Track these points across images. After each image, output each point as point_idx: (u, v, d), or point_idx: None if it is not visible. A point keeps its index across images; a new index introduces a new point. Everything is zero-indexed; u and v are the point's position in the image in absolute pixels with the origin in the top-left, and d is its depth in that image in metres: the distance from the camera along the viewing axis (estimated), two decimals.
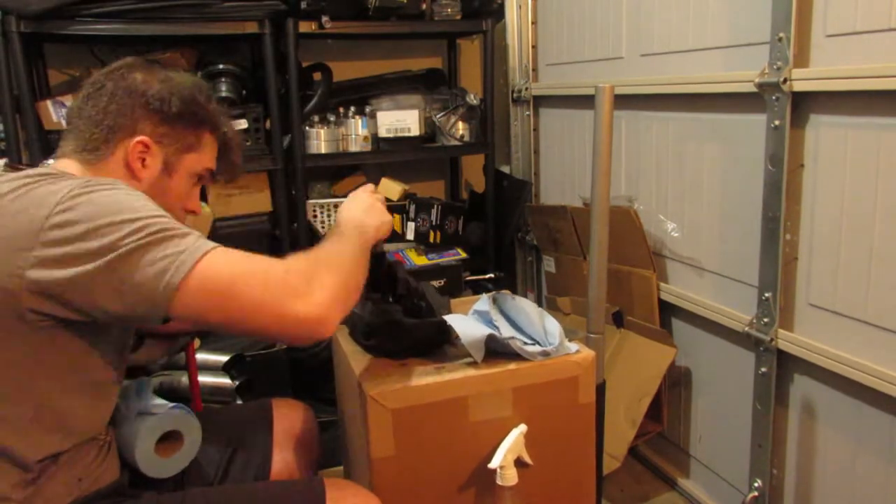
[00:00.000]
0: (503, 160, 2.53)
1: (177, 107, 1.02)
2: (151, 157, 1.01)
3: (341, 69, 2.31)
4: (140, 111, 1.00)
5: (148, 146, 1.00)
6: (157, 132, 1.01)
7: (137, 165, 1.00)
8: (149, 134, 1.00)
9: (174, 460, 1.11)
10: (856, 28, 1.22)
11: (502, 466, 1.06)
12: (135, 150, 0.99)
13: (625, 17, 1.87)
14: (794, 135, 1.35)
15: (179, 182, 1.06)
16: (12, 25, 1.73)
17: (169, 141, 1.03)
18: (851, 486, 1.37)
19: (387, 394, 1.05)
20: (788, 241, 1.40)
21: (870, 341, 1.26)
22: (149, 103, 1.00)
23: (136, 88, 1.01)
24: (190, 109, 1.04)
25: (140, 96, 1.00)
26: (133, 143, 0.99)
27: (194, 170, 1.07)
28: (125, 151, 0.99)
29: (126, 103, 1.00)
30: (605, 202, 1.35)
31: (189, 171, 1.07)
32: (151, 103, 1.00)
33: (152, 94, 1.01)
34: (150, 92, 1.01)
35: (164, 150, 1.02)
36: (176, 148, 1.04)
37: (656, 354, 1.78)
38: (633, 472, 1.99)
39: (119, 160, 1.00)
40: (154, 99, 1.00)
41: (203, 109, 1.06)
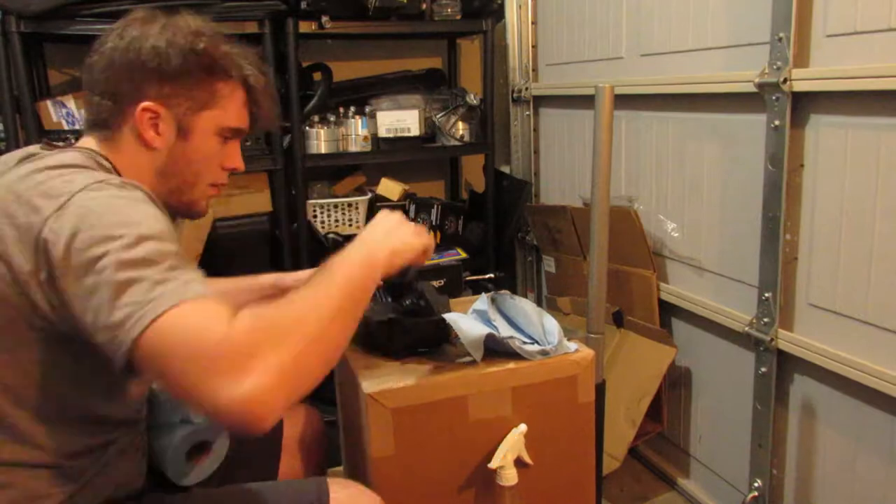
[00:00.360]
0: (503, 160, 2.53)
1: (176, 60, 0.90)
2: (163, 122, 0.92)
3: (341, 69, 2.31)
4: (138, 73, 0.90)
5: (156, 111, 0.91)
6: (161, 93, 0.91)
7: (150, 134, 0.92)
8: (153, 97, 0.91)
9: (200, 469, 1.10)
10: (856, 28, 1.22)
11: (502, 466, 1.06)
12: (143, 118, 0.91)
13: (625, 17, 1.87)
14: (794, 135, 1.35)
15: (202, 144, 0.96)
16: (12, 25, 1.73)
17: (178, 101, 0.92)
18: (851, 486, 1.37)
19: (386, 393, 1.05)
20: (788, 241, 1.40)
21: (870, 341, 1.26)
22: (145, 62, 0.90)
23: (131, 46, 0.90)
24: (193, 60, 0.92)
25: (136, 55, 0.90)
26: (139, 110, 0.91)
27: (217, 127, 0.96)
28: (133, 119, 0.91)
29: (123, 66, 0.90)
30: (605, 202, 1.35)
31: (211, 131, 0.96)
32: (148, 61, 0.90)
33: (147, 51, 0.90)
34: (144, 48, 0.90)
35: (174, 111, 0.92)
36: (188, 107, 0.93)
37: (656, 354, 1.78)
38: (633, 472, 1.99)
39: (130, 131, 0.92)
40: (149, 55, 0.90)
41: (208, 57, 0.93)
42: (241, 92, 0.99)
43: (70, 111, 1.94)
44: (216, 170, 1.00)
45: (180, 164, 0.95)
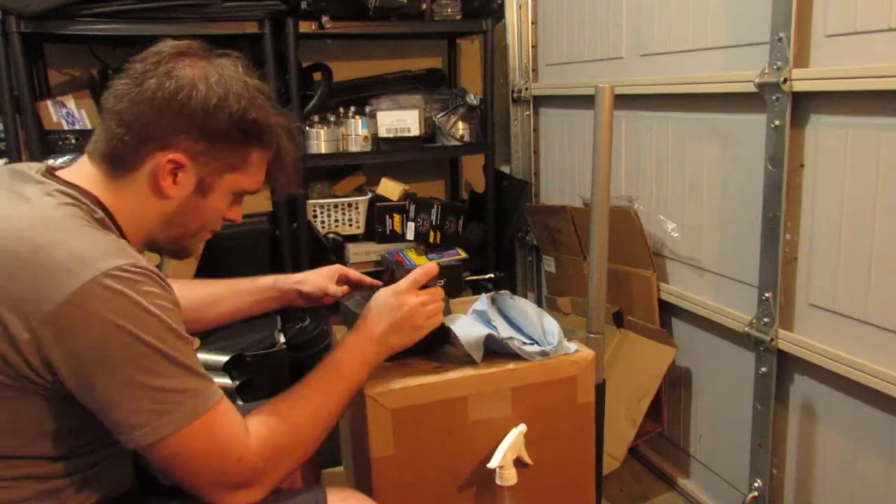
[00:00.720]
0: (503, 160, 2.53)
1: (224, 123, 0.87)
2: (185, 174, 0.88)
3: (341, 69, 2.31)
4: (179, 122, 0.86)
5: (182, 164, 0.87)
6: (194, 149, 0.87)
7: (167, 183, 0.88)
8: (184, 150, 0.87)
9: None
10: (856, 28, 1.22)
11: (502, 466, 1.06)
12: (165, 167, 0.87)
13: (625, 17, 1.87)
14: (794, 135, 1.35)
15: (215, 202, 0.94)
16: (12, 25, 1.73)
17: (207, 160, 0.89)
18: (851, 486, 1.37)
19: (386, 394, 1.05)
20: (788, 241, 1.40)
21: (870, 341, 1.26)
22: (191, 115, 0.85)
23: (178, 92, 0.85)
24: (240, 126, 0.88)
25: (179, 104, 0.85)
26: (164, 160, 0.86)
27: (236, 188, 0.94)
28: (154, 165, 0.87)
29: (164, 111, 0.85)
30: (605, 202, 1.35)
31: (228, 191, 0.94)
32: (194, 115, 0.85)
33: (196, 104, 0.85)
34: (194, 100, 0.85)
35: (200, 168, 0.89)
36: (216, 167, 0.90)
37: (656, 354, 1.78)
38: (633, 472, 1.99)
39: (145, 174, 0.87)
40: (197, 110, 0.85)
41: (256, 126, 0.90)
42: (268, 158, 0.96)
43: (70, 111, 1.94)
44: (218, 221, 0.99)
45: (189, 216, 0.93)
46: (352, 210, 2.29)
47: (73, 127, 1.93)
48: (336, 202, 2.27)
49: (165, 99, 0.85)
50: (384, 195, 2.33)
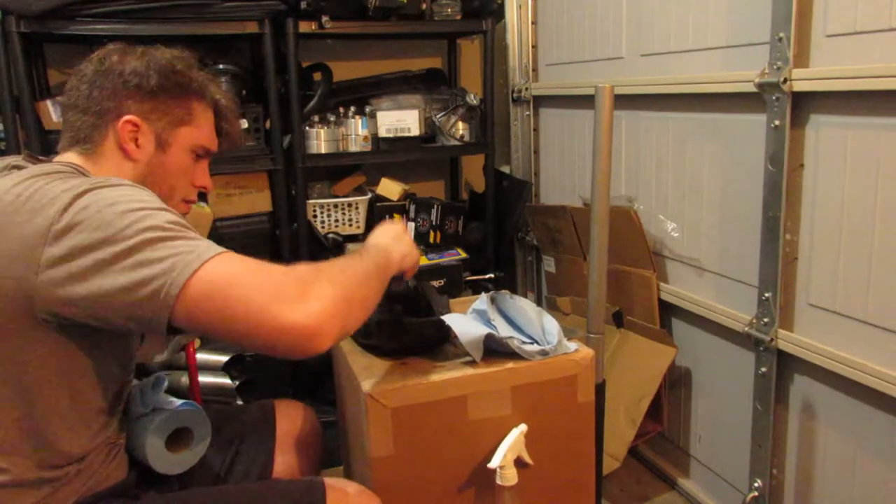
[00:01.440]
0: (503, 160, 2.53)
1: (155, 79, 1.00)
2: (143, 135, 1.00)
3: (341, 69, 2.31)
4: (121, 91, 0.99)
5: (137, 125, 0.99)
6: (142, 109, 1.00)
7: (131, 146, 0.99)
8: (135, 112, 0.99)
9: (184, 457, 1.11)
10: (856, 28, 1.22)
11: (502, 466, 1.06)
12: (124, 131, 0.99)
13: (625, 17, 1.87)
14: (794, 135, 1.35)
15: (178, 158, 1.04)
16: (12, 25, 1.73)
17: (157, 116, 1.01)
18: (851, 486, 1.37)
19: (386, 392, 1.05)
20: (788, 241, 1.40)
21: (870, 341, 1.26)
22: (127, 81, 0.99)
23: (112, 69, 0.99)
24: (171, 80, 1.02)
25: (118, 76, 0.99)
26: (121, 123, 0.98)
27: (191, 144, 1.05)
28: (116, 134, 0.99)
29: (106, 86, 0.99)
30: (605, 202, 1.35)
31: (186, 146, 1.05)
32: (129, 80, 0.99)
33: (129, 72, 0.99)
34: (126, 70, 0.99)
35: (153, 126, 1.01)
36: (167, 122, 1.02)
37: (656, 354, 1.78)
38: (633, 472, 1.99)
39: (113, 145, 0.99)
40: (131, 75, 0.99)
41: (184, 77, 1.03)
42: (210, 113, 1.09)
43: None
44: (188, 186, 1.08)
45: (158, 175, 1.01)
46: (352, 210, 2.29)
47: None
48: (336, 202, 2.27)
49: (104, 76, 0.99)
50: (384, 195, 2.33)
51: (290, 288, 0.80)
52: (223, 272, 0.79)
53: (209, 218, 2.02)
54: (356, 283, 0.90)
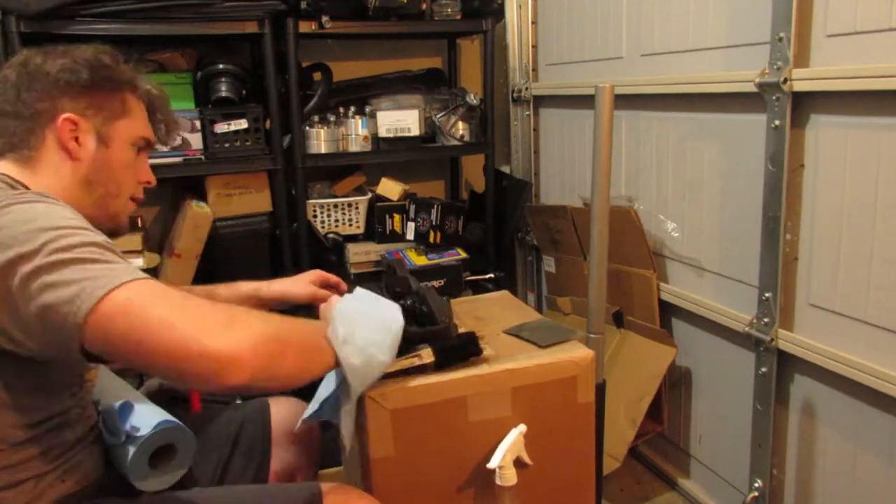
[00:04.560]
0: (503, 160, 2.52)
1: (87, 73, 0.98)
2: (82, 132, 0.98)
3: (341, 69, 2.31)
4: (54, 91, 0.97)
5: (75, 122, 0.97)
6: (78, 106, 0.98)
7: (72, 145, 0.97)
8: (71, 110, 0.97)
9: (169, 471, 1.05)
10: (856, 28, 1.22)
11: (501, 466, 1.06)
12: (64, 130, 0.97)
13: (625, 17, 1.87)
14: (794, 135, 1.35)
15: (120, 152, 1.02)
16: (12, 25, 1.72)
17: (94, 111, 0.99)
18: (851, 486, 1.37)
19: (386, 394, 1.05)
20: (788, 241, 1.40)
21: (870, 341, 1.26)
22: (58, 79, 0.97)
23: (39, 70, 0.97)
24: (101, 74, 1.00)
25: (46, 76, 0.97)
26: (60, 122, 0.96)
27: (131, 136, 1.04)
28: (55, 135, 0.97)
29: (36, 87, 0.96)
30: (605, 202, 1.35)
31: (127, 140, 1.03)
32: (60, 78, 0.97)
33: (58, 69, 0.97)
34: (54, 69, 0.97)
35: (92, 121, 0.99)
36: (104, 116, 1.00)
37: (656, 354, 1.78)
38: (633, 472, 1.99)
39: (53, 147, 0.97)
40: (62, 72, 0.97)
41: (114, 71, 1.02)
42: (143, 105, 1.08)
43: None
44: (133, 182, 1.06)
45: (103, 172, 1.00)
46: (352, 210, 2.29)
47: None
48: (336, 202, 2.27)
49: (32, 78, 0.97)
50: (384, 195, 2.33)
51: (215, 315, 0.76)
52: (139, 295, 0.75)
53: (208, 218, 2.02)
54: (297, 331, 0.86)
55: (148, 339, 0.73)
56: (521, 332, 1.25)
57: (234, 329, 0.75)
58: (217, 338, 0.73)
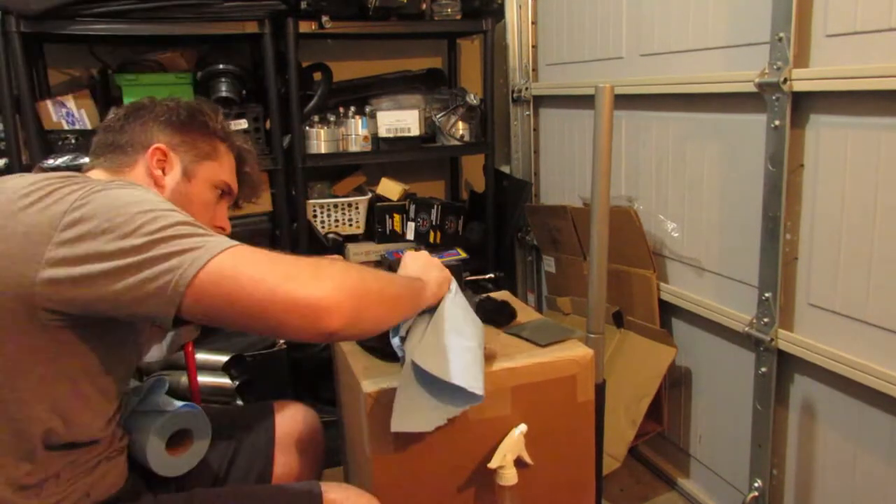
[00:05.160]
0: (503, 160, 2.52)
1: (185, 115, 1.09)
2: (170, 164, 1.07)
3: (341, 69, 2.31)
4: (152, 124, 1.07)
5: (165, 153, 1.06)
6: (171, 141, 1.07)
7: (158, 173, 1.05)
8: (164, 142, 1.07)
9: (183, 459, 1.11)
10: (856, 28, 1.22)
11: (502, 466, 1.06)
12: (153, 158, 1.05)
13: (625, 17, 1.87)
14: (794, 135, 1.35)
15: (201, 190, 1.10)
16: (12, 25, 1.73)
17: (185, 148, 1.08)
18: (851, 486, 1.37)
19: (386, 393, 1.05)
20: (788, 241, 1.40)
21: (870, 341, 1.26)
22: (158, 115, 1.08)
23: (145, 106, 1.10)
24: (198, 119, 1.11)
25: (149, 112, 1.09)
26: (150, 150, 1.05)
27: (214, 179, 1.12)
28: (145, 163, 1.05)
29: (137, 122, 1.07)
30: (605, 202, 1.35)
31: (209, 181, 1.11)
32: (160, 115, 1.08)
33: (160, 109, 1.09)
34: (157, 108, 1.09)
35: (181, 157, 1.08)
36: (193, 155, 1.09)
37: (656, 354, 1.78)
38: (633, 472, 1.99)
39: (141, 171, 1.05)
40: (162, 111, 1.09)
41: (211, 119, 1.12)
42: (232, 157, 1.16)
43: (70, 111, 1.94)
44: (208, 223, 1.12)
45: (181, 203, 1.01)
46: (352, 210, 2.29)
47: (73, 127, 1.93)
48: (336, 202, 2.27)
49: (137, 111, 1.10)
50: (384, 195, 2.33)
51: (303, 269, 0.81)
52: (231, 261, 0.80)
53: None
54: (377, 280, 0.89)
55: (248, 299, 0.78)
56: (521, 331, 1.25)
57: (322, 279, 0.80)
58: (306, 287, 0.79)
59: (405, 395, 1.02)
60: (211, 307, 0.80)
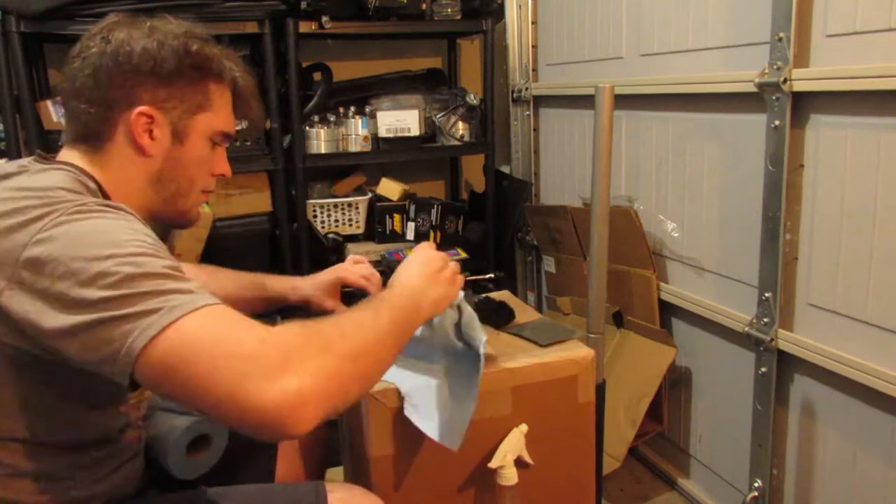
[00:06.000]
0: (503, 160, 2.52)
1: (171, 62, 0.89)
2: (158, 127, 0.90)
3: (341, 69, 2.31)
4: (132, 77, 0.88)
5: (151, 116, 0.89)
6: (157, 97, 0.90)
7: (145, 140, 0.90)
8: (148, 101, 0.89)
9: (201, 461, 1.10)
10: (856, 28, 1.22)
11: (502, 466, 1.06)
12: (138, 124, 0.89)
13: (625, 17, 1.87)
14: (794, 135, 1.35)
15: (196, 148, 0.94)
16: (12, 25, 1.73)
17: (173, 104, 0.91)
18: (851, 486, 1.37)
19: (386, 392, 1.05)
20: (788, 241, 1.40)
21: (870, 341, 1.26)
22: (138, 65, 0.87)
23: (120, 49, 0.88)
24: (187, 62, 0.91)
25: (127, 59, 0.87)
26: (134, 115, 0.88)
27: (210, 131, 0.95)
28: (127, 127, 0.89)
29: (115, 71, 0.87)
30: (605, 202, 1.35)
31: (204, 135, 0.95)
32: (141, 64, 0.87)
33: (139, 53, 0.88)
34: (136, 51, 0.88)
35: (169, 115, 0.91)
36: (183, 110, 0.92)
37: (656, 354, 1.78)
38: (633, 472, 1.99)
39: (123, 139, 0.89)
40: (143, 58, 0.87)
41: (201, 58, 0.92)
42: (229, 94, 0.98)
43: None
44: (207, 176, 0.99)
45: (176, 169, 0.93)
46: (352, 210, 2.29)
47: None
48: (336, 202, 2.27)
49: (111, 58, 0.87)
50: (384, 195, 2.33)
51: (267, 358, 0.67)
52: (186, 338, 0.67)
53: (208, 218, 2.02)
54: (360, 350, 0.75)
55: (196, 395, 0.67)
56: (522, 331, 1.25)
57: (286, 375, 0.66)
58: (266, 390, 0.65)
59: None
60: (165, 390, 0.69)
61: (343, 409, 0.73)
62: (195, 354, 0.67)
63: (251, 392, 0.65)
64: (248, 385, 0.65)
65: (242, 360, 0.66)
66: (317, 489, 1.01)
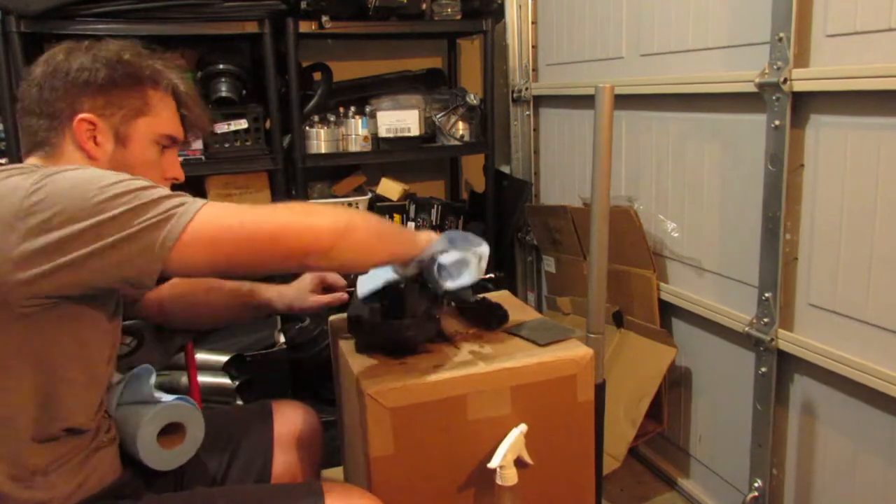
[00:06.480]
0: (503, 160, 2.53)
1: (104, 72, 0.97)
2: (100, 132, 0.97)
3: (341, 69, 2.31)
4: (71, 89, 0.96)
5: (93, 122, 0.97)
6: (96, 105, 0.97)
7: (90, 146, 0.97)
8: (88, 109, 0.96)
9: (176, 453, 1.10)
10: (856, 28, 1.22)
11: (502, 466, 1.06)
12: (80, 130, 0.96)
13: (625, 17, 1.87)
14: (794, 135, 1.35)
15: (140, 151, 1.01)
16: (12, 25, 1.73)
17: (112, 111, 0.98)
18: (851, 486, 1.37)
19: (385, 392, 1.05)
20: (788, 241, 1.40)
21: (870, 341, 1.26)
22: (75, 78, 0.96)
23: (59, 68, 0.96)
24: (119, 71, 0.98)
25: (65, 74, 0.96)
26: (75, 122, 0.96)
27: (153, 135, 1.02)
28: (73, 134, 0.96)
29: (56, 86, 0.96)
30: (605, 202, 1.35)
31: (148, 138, 1.01)
32: (78, 77, 0.96)
33: (76, 68, 0.96)
34: (73, 67, 0.96)
35: (109, 121, 0.98)
36: (122, 115, 0.99)
37: (656, 354, 1.78)
38: (633, 472, 1.99)
39: (72, 146, 0.97)
40: (79, 71, 0.96)
41: (134, 67, 0.99)
42: (170, 100, 1.05)
43: None
44: (159, 179, 1.04)
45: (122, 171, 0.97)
46: None
47: None
48: (336, 202, 2.27)
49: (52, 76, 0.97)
50: (384, 195, 2.33)
51: (302, 208, 0.89)
52: (229, 210, 0.85)
53: None
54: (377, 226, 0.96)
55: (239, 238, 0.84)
56: (521, 330, 1.25)
57: (323, 213, 0.88)
58: (312, 218, 0.87)
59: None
60: (207, 253, 0.83)
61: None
62: (241, 216, 0.85)
63: (303, 221, 0.87)
64: (297, 218, 0.87)
65: (284, 210, 0.88)
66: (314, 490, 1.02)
